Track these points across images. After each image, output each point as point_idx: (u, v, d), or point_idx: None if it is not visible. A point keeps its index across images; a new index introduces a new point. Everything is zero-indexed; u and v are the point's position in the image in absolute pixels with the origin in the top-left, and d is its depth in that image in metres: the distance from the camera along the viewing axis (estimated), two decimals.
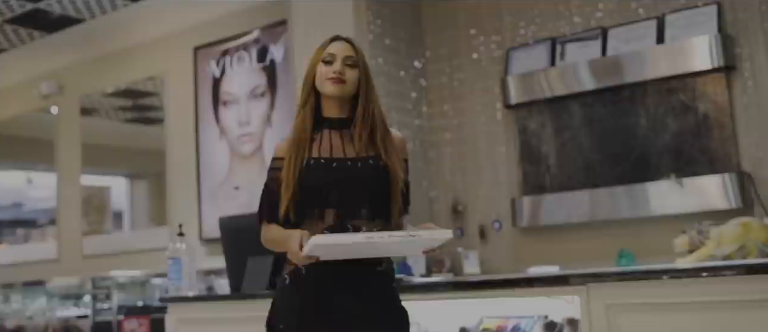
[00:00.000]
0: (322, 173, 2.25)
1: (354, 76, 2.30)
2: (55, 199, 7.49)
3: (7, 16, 6.64)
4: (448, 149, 5.25)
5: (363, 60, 2.35)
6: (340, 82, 2.27)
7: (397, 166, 2.29)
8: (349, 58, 2.31)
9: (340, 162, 2.27)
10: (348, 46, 2.35)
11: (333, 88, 2.27)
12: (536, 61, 4.93)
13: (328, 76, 2.27)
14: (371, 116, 2.30)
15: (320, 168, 2.25)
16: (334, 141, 2.30)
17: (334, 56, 2.30)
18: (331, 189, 2.23)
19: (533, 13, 5.03)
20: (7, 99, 7.91)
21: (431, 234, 2.10)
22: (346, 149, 2.29)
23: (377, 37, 5.02)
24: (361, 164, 2.27)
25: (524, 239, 4.94)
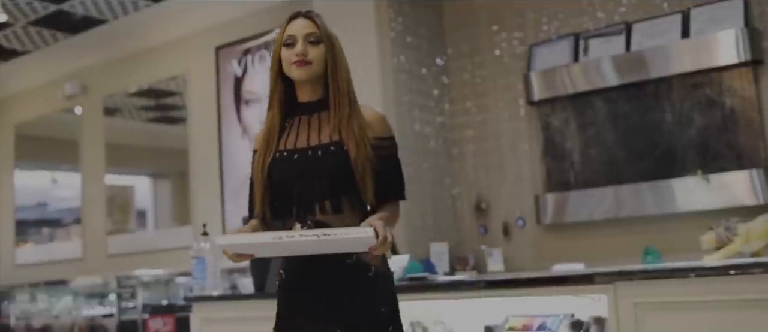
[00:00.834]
0: (286, 166, 2.12)
1: (319, 53, 2.12)
2: (79, 199, 7.55)
3: (31, 18, 6.70)
4: (471, 146, 5.23)
5: (327, 32, 2.16)
6: (305, 63, 2.11)
7: (361, 148, 2.07)
8: (311, 35, 2.13)
9: (302, 153, 2.12)
10: (308, 23, 2.16)
11: (298, 71, 2.11)
12: (559, 56, 4.89)
13: (291, 60, 2.11)
14: (345, 95, 2.13)
15: (284, 161, 2.12)
16: (301, 129, 2.15)
17: (294, 37, 2.13)
18: (293, 183, 2.10)
19: (556, 9, 4.99)
20: (32, 100, 7.98)
21: (347, 234, 1.85)
22: (311, 137, 2.13)
23: (399, 35, 5.01)
24: (322, 152, 2.10)
25: (548, 236, 4.91)
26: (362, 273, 2.08)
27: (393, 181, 2.17)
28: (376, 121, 2.17)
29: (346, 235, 1.83)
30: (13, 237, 8.06)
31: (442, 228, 5.07)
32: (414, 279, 3.46)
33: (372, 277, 2.09)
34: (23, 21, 6.73)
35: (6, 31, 6.94)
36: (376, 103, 4.79)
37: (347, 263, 2.04)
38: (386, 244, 1.90)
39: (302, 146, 2.12)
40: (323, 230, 1.85)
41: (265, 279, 3.79)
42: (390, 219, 2.10)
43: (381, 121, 2.20)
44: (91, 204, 7.38)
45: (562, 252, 4.70)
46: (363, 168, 2.06)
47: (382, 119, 2.21)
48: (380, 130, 2.17)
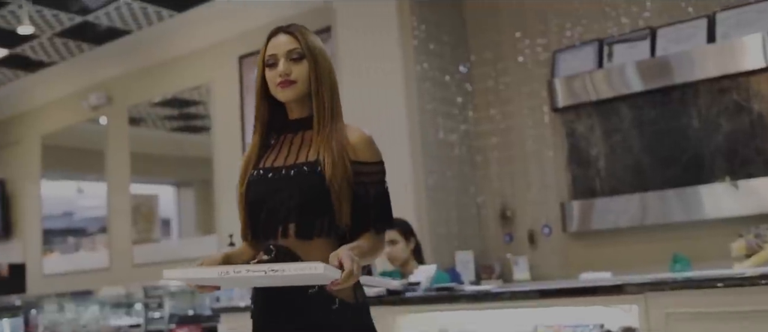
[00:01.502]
0: (261, 187, 1.97)
1: (303, 71, 1.97)
2: (104, 208, 7.62)
3: (57, 30, 6.77)
4: (495, 154, 5.22)
5: (309, 45, 1.99)
6: (289, 83, 1.96)
7: (337, 167, 1.90)
8: (293, 51, 1.98)
9: (277, 172, 1.97)
10: (288, 38, 2.00)
11: (284, 93, 1.97)
12: (583, 63, 4.87)
13: (274, 81, 1.97)
14: (328, 114, 1.97)
15: (260, 181, 1.98)
16: (283, 147, 2.02)
17: (275, 56, 1.98)
18: (262, 204, 1.94)
19: (579, 15, 4.97)
20: (58, 110, 8.06)
21: (298, 269, 1.63)
22: (289, 156, 1.98)
23: (422, 43, 5.01)
24: (294, 172, 1.94)
25: (574, 244, 4.88)
26: (324, 306, 1.87)
27: (376, 210, 1.95)
28: (362, 143, 1.98)
29: (297, 271, 1.62)
30: (40, 247, 8.15)
31: (467, 236, 5.06)
32: (441, 290, 3.45)
33: (337, 310, 1.87)
34: (49, 32, 6.81)
35: (32, 42, 7.01)
36: (399, 112, 4.80)
37: (309, 293, 1.85)
38: (351, 279, 1.68)
39: (279, 165, 1.98)
40: (271, 265, 1.66)
41: None
42: (367, 252, 1.88)
43: (367, 143, 1.99)
44: (117, 213, 7.44)
45: (589, 260, 4.67)
46: (339, 188, 1.89)
47: (368, 142, 1.99)
48: (366, 154, 1.97)
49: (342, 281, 1.67)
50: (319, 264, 1.59)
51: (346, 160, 1.92)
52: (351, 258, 1.69)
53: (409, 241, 3.98)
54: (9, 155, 8.58)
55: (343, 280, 1.66)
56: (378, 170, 1.98)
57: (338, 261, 1.69)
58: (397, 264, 3.97)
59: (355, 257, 1.71)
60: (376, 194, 1.95)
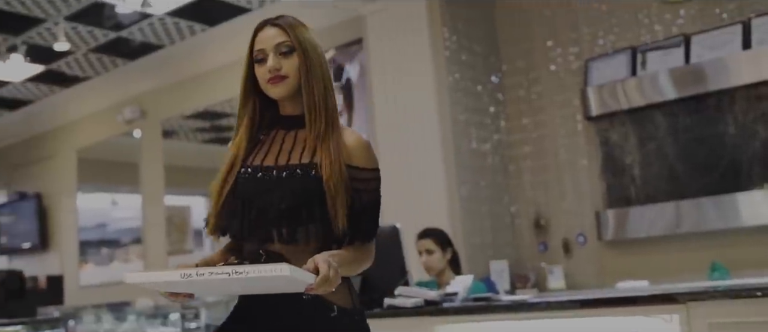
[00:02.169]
0: (249, 185, 1.85)
1: (293, 65, 1.85)
2: (137, 219, 7.71)
3: (92, 46, 6.87)
4: (529, 163, 5.21)
5: (299, 38, 1.87)
6: (280, 79, 1.85)
7: (335, 170, 1.79)
8: (282, 44, 1.86)
9: (267, 172, 1.85)
10: (277, 31, 1.88)
11: (275, 89, 1.86)
12: (616, 71, 4.86)
13: (265, 78, 1.85)
14: (321, 110, 1.85)
15: (248, 180, 1.85)
16: (274, 144, 1.90)
17: (263, 51, 1.86)
18: (250, 204, 1.82)
19: (612, 23, 4.96)
20: (93, 124, 8.18)
21: (260, 272, 1.51)
22: (281, 155, 1.87)
23: (453, 53, 5.03)
24: (287, 174, 1.82)
25: (609, 252, 4.86)
26: (322, 313, 1.77)
27: (366, 220, 1.84)
28: (358, 147, 1.87)
29: (262, 273, 1.50)
30: (77, 259, 8.26)
31: (501, 245, 5.06)
32: (478, 300, 3.46)
33: (335, 318, 1.77)
34: (84, 48, 6.92)
35: (68, 58, 7.13)
36: (432, 122, 4.82)
37: (303, 299, 1.73)
38: (327, 285, 1.58)
39: (269, 164, 1.86)
40: (235, 267, 1.53)
41: None
42: (350, 261, 1.77)
43: (363, 148, 1.88)
44: (152, 225, 7.53)
45: (624, 269, 4.65)
46: (336, 192, 1.77)
47: (365, 147, 1.88)
48: (361, 159, 1.86)
49: (316, 286, 1.57)
50: (284, 266, 1.48)
51: (342, 162, 1.81)
52: (328, 263, 1.59)
53: (446, 251, 3.98)
54: (45, 169, 8.71)
55: (317, 285, 1.57)
56: (373, 177, 1.88)
57: (314, 266, 1.59)
58: (433, 274, 3.97)
59: (333, 262, 1.60)
60: (368, 202, 1.84)
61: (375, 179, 1.88)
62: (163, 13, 6.19)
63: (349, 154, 1.84)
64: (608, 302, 3.02)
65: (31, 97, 8.32)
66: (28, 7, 5.95)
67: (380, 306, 3.42)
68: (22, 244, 8.75)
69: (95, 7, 6.01)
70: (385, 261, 3.61)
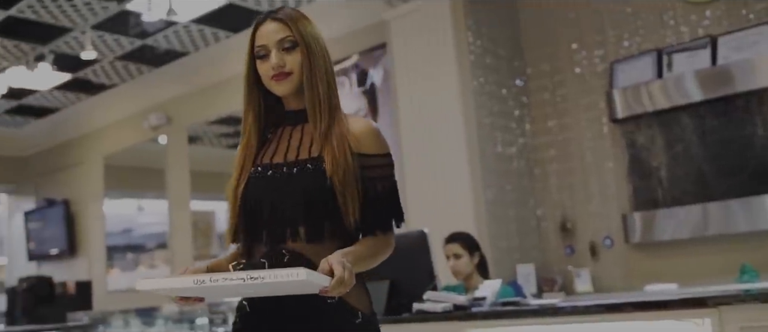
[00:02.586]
0: (261, 184, 1.79)
1: (297, 61, 1.79)
2: (162, 224, 7.78)
3: (118, 54, 6.95)
4: (554, 166, 5.21)
5: (301, 31, 1.80)
6: (284, 75, 1.79)
7: (339, 163, 1.73)
8: (285, 40, 1.79)
9: (277, 169, 1.80)
10: (278, 26, 1.81)
11: (280, 86, 1.80)
12: (642, 73, 4.84)
13: (268, 75, 1.80)
14: (325, 106, 1.80)
15: (258, 179, 1.80)
16: (282, 141, 1.85)
17: (265, 47, 1.80)
18: (263, 204, 1.76)
19: (637, 25, 4.94)
20: (119, 131, 8.27)
21: (277, 276, 1.45)
22: (289, 151, 1.82)
23: (478, 57, 5.03)
24: (297, 170, 1.77)
25: (637, 255, 4.84)
26: (347, 319, 1.71)
27: (382, 209, 1.77)
28: (366, 134, 1.80)
29: (278, 278, 1.44)
30: (104, 265, 8.35)
31: (528, 249, 5.06)
32: (507, 304, 3.46)
33: (360, 325, 1.73)
34: (110, 57, 7.00)
35: (94, 66, 7.21)
36: (457, 126, 4.82)
37: (328, 303, 1.67)
38: (342, 287, 1.53)
39: (279, 161, 1.81)
40: (250, 272, 1.47)
41: None
42: (366, 256, 1.71)
43: (372, 134, 1.81)
44: (178, 230, 7.60)
45: (651, 272, 4.64)
46: (343, 185, 1.72)
47: (374, 133, 1.81)
48: (371, 146, 1.79)
49: (331, 289, 1.51)
50: (301, 270, 1.43)
51: (347, 154, 1.74)
52: (342, 264, 1.54)
53: (473, 255, 3.98)
54: (73, 176, 8.82)
55: (332, 288, 1.51)
56: (385, 163, 1.80)
57: (329, 267, 1.54)
58: (461, 278, 3.98)
59: (347, 263, 1.54)
60: (384, 190, 1.78)
61: (388, 165, 1.81)
62: (188, 20, 6.25)
63: (358, 142, 1.78)
64: (639, 306, 3.01)
65: (58, 104, 8.43)
66: (56, 17, 6.03)
67: (409, 311, 3.43)
68: (50, 250, 8.85)
69: (121, 15, 6.08)
70: (412, 265, 3.63)
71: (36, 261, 9.11)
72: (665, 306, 2.95)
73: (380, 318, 3.48)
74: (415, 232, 3.67)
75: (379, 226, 1.75)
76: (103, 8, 5.92)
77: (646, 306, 3.02)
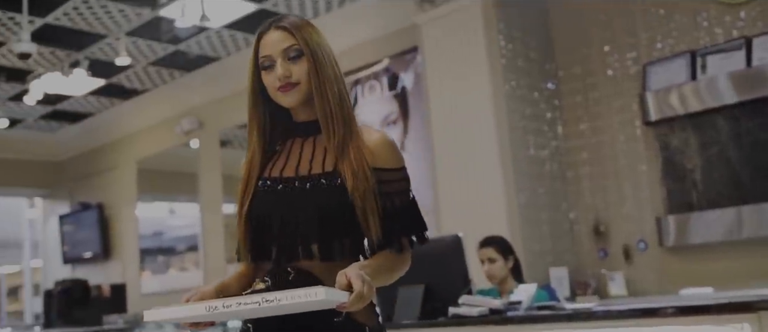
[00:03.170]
0: (270, 198, 1.71)
1: (303, 70, 1.71)
2: (192, 227, 7.86)
3: (151, 59, 7.04)
4: (587, 169, 5.19)
5: (307, 40, 1.73)
6: (291, 86, 1.71)
7: (359, 178, 1.65)
8: (290, 49, 1.71)
9: (288, 183, 1.71)
10: (282, 34, 1.73)
11: (286, 98, 1.72)
12: (675, 75, 4.81)
13: (274, 86, 1.72)
14: (337, 116, 1.71)
15: (268, 192, 1.72)
16: (293, 153, 1.77)
17: (270, 57, 1.72)
18: (272, 219, 1.68)
19: (670, 27, 4.92)
20: (152, 136, 8.37)
21: (295, 297, 1.37)
22: (301, 165, 1.73)
23: (509, 61, 5.03)
24: (311, 185, 1.69)
25: (671, 259, 4.81)
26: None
27: (400, 224, 1.70)
28: (381, 147, 1.72)
29: (295, 299, 1.37)
30: (138, 268, 8.45)
31: (560, 252, 5.05)
32: (542, 308, 3.46)
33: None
34: (144, 62, 7.09)
35: (127, 71, 7.31)
36: (489, 130, 4.83)
37: (335, 322, 1.57)
38: (360, 303, 1.44)
39: (289, 175, 1.72)
40: (265, 295, 1.40)
41: (392, 309, 3.85)
42: (383, 271, 1.63)
43: (387, 147, 1.73)
44: (211, 233, 7.67)
45: (686, 275, 4.61)
46: (364, 201, 1.64)
47: (388, 145, 1.74)
48: (386, 159, 1.72)
49: (349, 304, 1.43)
50: (320, 289, 1.35)
51: (366, 169, 1.67)
52: (361, 278, 1.45)
53: (508, 259, 3.98)
54: (106, 180, 8.94)
55: (350, 303, 1.43)
56: (402, 177, 1.74)
57: (346, 281, 1.45)
58: (496, 283, 3.98)
59: (366, 277, 1.46)
60: (402, 204, 1.71)
61: (404, 179, 1.74)
62: (220, 26, 6.32)
63: (373, 155, 1.70)
64: (678, 310, 3.00)
65: (92, 110, 8.56)
66: (91, 24, 6.12)
67: (444, 316, 3.44)
68: (84, 253, 8.98)
69: (154, 22, 6.16)
70: (447, 270, 3.65)
71: (70, 265, 9.24)
72: (704, 311, 2.94)
73: (415, 322, 3.52)
74: (449, 237, 3.68)
75: (396, 242, 1.68)
76: (137, 15, 6.00)
77: (684, 311, 3.00)
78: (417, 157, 5.76)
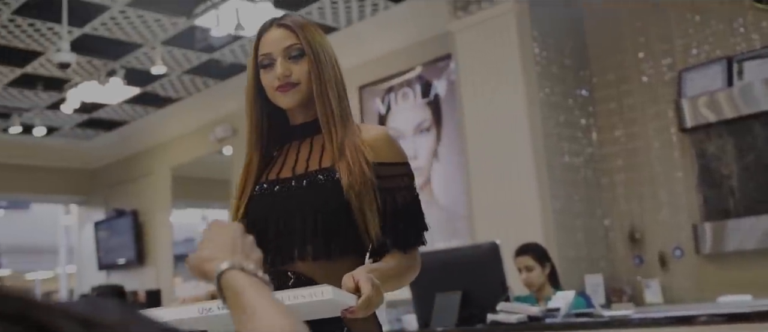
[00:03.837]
0: (266, 201, 1.64)
1: (304, 70, 1.65)
2: None
3: (186, 68, 7.13)
4: (622, 176, 5.17)
5: (309, 39, 1.66)
6: (290, 86, 1.64)
7: (354, 173, 1.57)
8: (292, 48, 1.65)
9: (285, 184, 1.64)
10: (284, 33, 1.67)
11: (285, 98, 1.66)
12: (712, 81, 4.79)
13: (273, 85, 1.65)
14: (337, 118, 1.64)
15: (263, 196, 1.65)
16: (289, 156, 1.70)
17: (270, 55, 1.66)
18: (268, 221, 1.61)
19: (706, 33, 4.89)
20: (186, 143, 8.47)
21: (297, 297, 1.26)
22: (298, 165, 1.66)
23: (543, 68, 5.04)
24: (308, 182, 1.61)
25: (708, 266, 4.78)
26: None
27: (403, 223, 1.61)
28: (381, 141, 1.65)
29: (298, 300, 1.25)
30: (171, 274, 8.54)
31: (595, 259, 5.03)
32: (580, 315, 3.46)
33: None
34: (178, 70, 7.18)
35: (162, 80, 7.41)
36: (523, 137, 4.83)
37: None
38: (370, 308, 1.34)
39: (286, 175, 1.65)
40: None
41: (429, 315, 3.87)
42: (392, 275, 1.53)
43: (387, 141, 1.66)
44: None
45: (723, 283, 4.58)
46: (360, 198, 1.55)
47: (388, 139, 1.67)
48: (386, 154, 1.64)
49: (358, 309, 1.32)
50: (327, 288, 1.24)
51: (363, 165, 1.58)
52: (371, 281, 1.35)
53: (545, 266, 3.99)
54: (141, 187, 9.05)
55: (358, 308, 1.32)
56: (404, 172, 1.65)
57: (354, 283, 1.35)
58: (533, 290, 3.99)
59: (375, 280, 1.36)
60: (404, 202, 1.62)
61: (407, 175, 1.65)
62: (254, 34, 6.38)
63: (372, 149, 1.63)
64: (718, 318, 2.99)
65: (127, 118, 8.67)
66: (128, 33, 6.22)
67: (482, 322, 3.46)
68: (118, 260, 9.09)
69: (189, 31, 6.24)
70: (484, 276, 3.67)
71: (105, 271, 9.36)
72: (744, 318, 2.92)
73: (453, 329, 3.54)
74: (486, 244, 3.70)
75: (399, 243, 1.59)
76: (173, 24, 6.09)
77: (724, 318, 2.99)
78: (450, 163, 5.78)
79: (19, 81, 7.19)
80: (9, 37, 6.11)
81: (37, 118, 8.23)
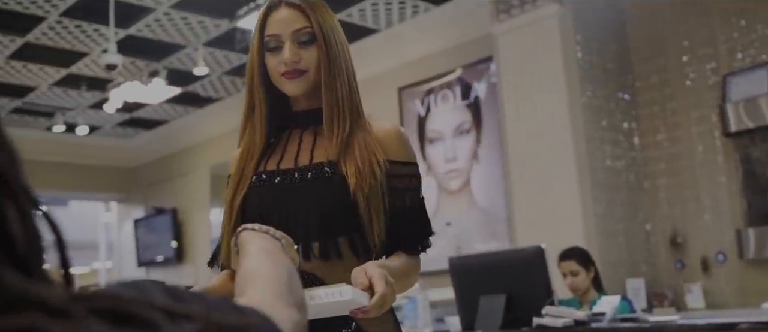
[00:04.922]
0: (265, 193, 1.52)
1: (313, 57, 1.52)
2: None
3: (226, 68, 7.22)
4: (664, 180, 5.16)
5: (321, 23, 1.54)
6: (298, 73, 1.52)
7: (364, 173, 1.47)
8: (302, 32, 1.52)
9: (286, 175, 1.53)
10: (295, 14, 1.53)
11: (291, 85, 1.53)
12: (757, 86, 4.75)
13: (278, 70, 1.52)
14: (344, 110, 1.53)
15: (263, 188, 1.53)
16: (290, 145, 1.58)
17: (278, 37, 1.52)
18: (271, 218, 1.44)
19: (751, 38, 4.86)
20: (225, 143, 8.54)
21: (313, 297, 1.23)
22: (300, 155, 1.55)
23: (586, 72, 5.04)
24: (313, 175, 1.51)
25: (751, 272, 4.75)
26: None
27: (410, 225, 1.52)
28: (391, 138, 1.54)
29: (313, 300, 1.19)
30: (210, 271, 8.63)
31: (637, 263, 5.02)
32: (626, 320, 3.46)
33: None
34: (219, 71, 7.27)
35: (203, 80, 7.51)
36: (566, 140, 4.84)
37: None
38: (383, 307, 1.26)
39: (288, 166, 1.54)
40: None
41: (473, 317, 3.89)
42: (399, 275, 1.42)
43: (399, 138, 1.56)
44: None
45: (767, 289, 4.54)
46: (367, 202, 1.45)
47: (401, 137, 1.57)
48: (397, 151, 1.54)
49: (372, 308, 1.24)
50: (345, 288, 1.20)
51: (374, 164, 1.48)
52: (384, 278, 1.27)
53: (589, 270, 4.00)
54: (180, 185, 9.16)
55: (373, 307, 1.24)
56: (413, 173, 1.55)
57: (367, 280, 1.27)
58: (578, 294, 4.00)
59: (389, 278, 1.29)
60: (412, 203, 1.53)
61: (415, 176, 1.56)
62: None
63: (383, 147, 1.52)
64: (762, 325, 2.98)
65: (167, 117, 8.80)
66: (171, 35, 6.32)
67: (528, 325, 3.47)
68: (157, 257, 9.22)
69: (231, 32, 6.32)
70: (528, 280, 3.68)
71: (144, 268, 9.50)
72: None
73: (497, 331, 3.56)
74: (531, 248, 3.71)
75: (407, 246, 1.51)
76: (215, 26, 6.17)
77: None
78: (490, 165, 5.80)
79: (64, 81, 7.33)
80: (56, 38, 6.24)
81: (80, 117, 8.38)
